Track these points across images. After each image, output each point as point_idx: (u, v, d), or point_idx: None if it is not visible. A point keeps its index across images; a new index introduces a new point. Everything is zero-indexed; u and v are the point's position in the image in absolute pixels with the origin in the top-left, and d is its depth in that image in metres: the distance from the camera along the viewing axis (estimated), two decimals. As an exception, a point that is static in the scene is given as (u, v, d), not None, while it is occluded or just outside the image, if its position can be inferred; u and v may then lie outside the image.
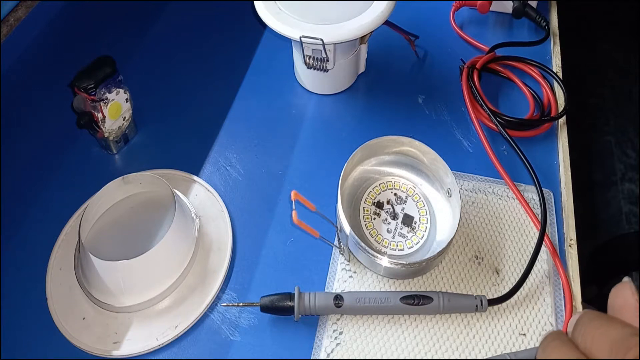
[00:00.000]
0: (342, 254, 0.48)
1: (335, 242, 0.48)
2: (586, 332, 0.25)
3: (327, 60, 0.56)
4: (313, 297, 0.44)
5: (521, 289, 0.46)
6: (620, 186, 1.51)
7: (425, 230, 0.48)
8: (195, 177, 0.55)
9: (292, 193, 0.41)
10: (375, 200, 0.49)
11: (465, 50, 0.67)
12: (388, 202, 0.49)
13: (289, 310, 0.44)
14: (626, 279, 0.26)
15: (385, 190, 0.50)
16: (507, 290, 0.46)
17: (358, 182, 0.50)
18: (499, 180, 0.53)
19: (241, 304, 0.46)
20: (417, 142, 0.48)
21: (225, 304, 0.46)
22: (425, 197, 0.50)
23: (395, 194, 0.50)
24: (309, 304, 0.44)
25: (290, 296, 0.44)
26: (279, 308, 0.44)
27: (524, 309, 0.46)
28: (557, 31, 0.69)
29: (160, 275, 0.46)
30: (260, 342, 0.45)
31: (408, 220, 0.48)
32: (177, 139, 0.59)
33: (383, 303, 0.44)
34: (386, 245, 0.47)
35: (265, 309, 0.44)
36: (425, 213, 0.49)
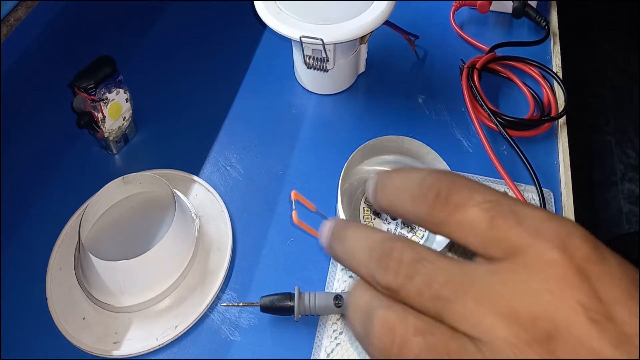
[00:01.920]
0: None
1: None
2: (345, 247, 0.23)
3: (327, 60, 0.56)
4: (313, 297, 0.44)
5: (521, 289, 0.46)
6: (620, 186, 1.51)
7: (425, 230, 0.48)
8: (195, 177, 0.55)
9: (292, 193, 0.41)
10: None
11: (465, 50, 0.67)
12: None
13: (289, 310, 0.44)
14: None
15: None
16: (507, 290, 0.45)
17: (358, 182, 0.50)
18: (499, 180, 0.53)
19: (241, 304, 0.46)
20: (416, 142, 0.48)
21: (225, 304, 0.46)
22: None
23: None
24: (309, 304, 0.44)
25: (290, 296, 0.44)
26: (279, 308, 0.44)
27: (524, 309, 0.45)
28: (557, 31, 0.69)
29: (160, 275, 0.46)
30: (260, 342, 0.45)
31: (408, 224, 0.48)
32: (177, 139, 0.59)
33: (383, 303, 0.44)
34: (386, 245, 0.47)
35: (265, 309, 0.44)
36: None
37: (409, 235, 0.47)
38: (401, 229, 0.48)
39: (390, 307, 0.19)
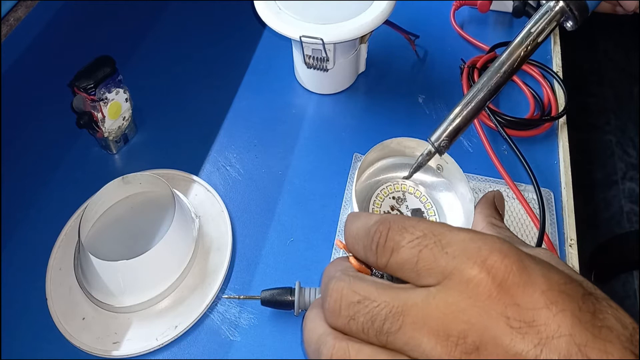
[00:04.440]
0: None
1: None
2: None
3: (327, 60, 0.56)
4: (314, 292, 0.44)
5: (521, 288, 0.46)
6: (621, 185, 1.51)
7: (435, 214, 0.48)
8: (195, 177, 0.55)
9: (337, 242, 0.37)
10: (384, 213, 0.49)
11: (465, 49, 0.67)
12: (393, 209, 0.49)
13: (289, 305, 0.44)
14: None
15: (384, 199, 0.49)
16: (507, 290, 0.45)
17: (359, 204, 0.49)
18: (499, 180, 0.53)
19: (242, 297, 0.46)
20: (402, 139, 0.47)
21: (226, 296, 0.47)
22: (419, 186, 0.49)
23: (393, 197, 0.50)
24: (309, 299, 0.44)
25: (291, 291, 0.44)
26: (279, 302, 0.44)
27: (524, 308, 0.45)
28: (557, 31, 0.69)
29: (160, 275, 0.46)
30: (260, 342, 0.45)
31: (418, 214, 0.48)
32: (177, 139, 0.59)
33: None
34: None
35: (265, 302, 0.44)
36: (425, 200, 0.48)
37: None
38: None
39: (335, 345, 0.22)
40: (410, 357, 0.20)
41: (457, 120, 0.34)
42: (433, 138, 0.35)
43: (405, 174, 0.49)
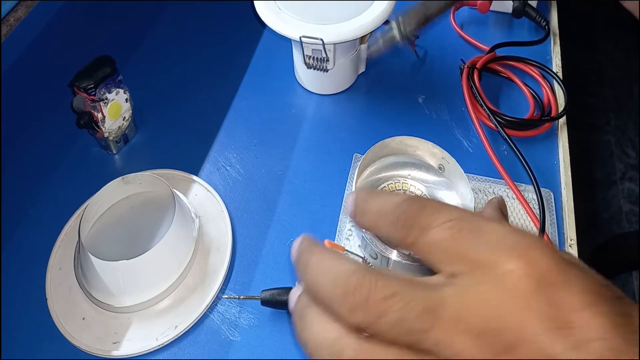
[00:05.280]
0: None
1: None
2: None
3: (327, 60, 0.56)
4: (314, 294, 0.44)
5: (521, 289, 0.46)
6: (620, 185, 1.51)
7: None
8: (194, 177, 0.55)
9: (326, 242, 0.37)
10: None
11: (465, 50, 0.67)
12: None
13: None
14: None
15: None
16: (507, 290, 0.45)
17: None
18: (499, 180, 0.53)
19: (242, 297, 0.46)
20: (404, 138, 0.48)
21: (226, 296, 0.47)
22: (421, 184, 0.49)
23: None
24: (309, 301, 0.44)
25: (291, 290, 0.44)
26: (279, 302, 0.44)
27: (524, 309, 0.45)
28: (557, 31, 0.69)
29: (160, 275, 0.46)
30: (260, 342, 0.45)
31: None
32: (177, 139, 0.59)
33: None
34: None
35: (265, 302, 0.44)
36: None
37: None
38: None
39: (361, 347, 0.20)
40: (440, 357, 0.19)
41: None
42: (401, 17, 0.31)
43: (407, 172, 0.49)
